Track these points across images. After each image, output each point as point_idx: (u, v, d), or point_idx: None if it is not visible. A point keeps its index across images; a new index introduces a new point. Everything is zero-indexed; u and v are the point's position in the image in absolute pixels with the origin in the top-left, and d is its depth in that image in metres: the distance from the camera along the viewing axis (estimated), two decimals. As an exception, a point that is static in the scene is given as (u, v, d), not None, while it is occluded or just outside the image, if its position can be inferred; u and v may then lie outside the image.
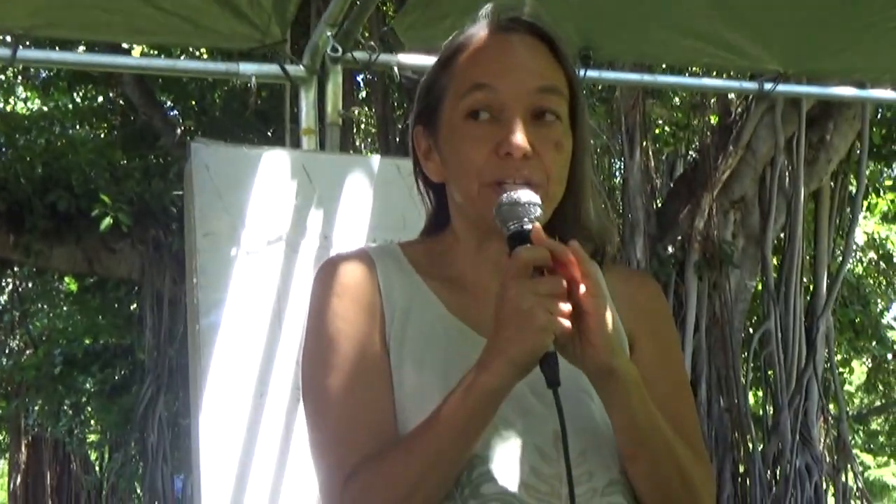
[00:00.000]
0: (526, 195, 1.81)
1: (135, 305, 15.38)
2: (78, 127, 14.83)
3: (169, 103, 14.43)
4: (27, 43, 4.54)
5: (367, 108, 13.41)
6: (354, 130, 13.43)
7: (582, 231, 1.96)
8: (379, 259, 2.02)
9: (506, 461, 1.85)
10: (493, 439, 1.85)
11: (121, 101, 14.36)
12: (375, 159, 4.20)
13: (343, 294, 1.97)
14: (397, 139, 11.63)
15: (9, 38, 4.43)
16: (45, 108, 14.65)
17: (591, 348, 1.73)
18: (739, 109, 11.89)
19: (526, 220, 1.79)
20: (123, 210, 11.96)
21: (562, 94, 1.94)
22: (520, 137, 1.86)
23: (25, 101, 15.23)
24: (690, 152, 13.47)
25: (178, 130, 13.55)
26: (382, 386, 1.91)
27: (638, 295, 2.06)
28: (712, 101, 12.45)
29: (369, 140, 14.28)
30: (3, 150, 13.24)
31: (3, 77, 14.10)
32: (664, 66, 6.24)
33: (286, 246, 4.02)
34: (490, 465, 1.84)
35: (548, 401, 1.80)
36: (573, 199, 1.97)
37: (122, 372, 16.11)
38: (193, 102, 13.85)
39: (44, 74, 13.99)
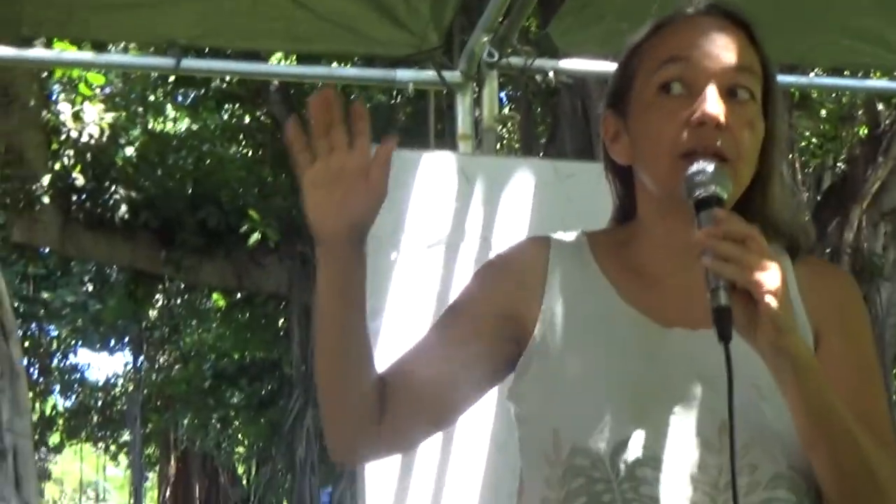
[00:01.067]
0: (716, 167, 1.79)
1: (282, 320, 15.58)
2: (226, 145, 15.07)
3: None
4: (189, 54, 4.61)
5: (511, 122, 13.43)
6: (497, 146, 13.45)
7: (769, 222, 1.91)
8: (557, 243, 2.03)
9: (665, 447, 1.84)
10: (656, 424, 1.85)
11: (267, 120, 14.57)
12: (533, 161, 4.22)
13: (495, 264, 2.04)
14: (541, 153, 11.64)
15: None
16: (194, 128, 14.90)
17: (760, 329, 1.69)
18: (888, 120, 11.71)
19: (715, 187, 1.76)
20: (271, 226, 12.16)
21: (756, 76, 1.91)
22: (714, 106, 1.83)
23: (175, 120, 15.50)
24: (839, 164, 13.29)
25: (324, 147, 13.67)
26: (451, 329, 1.98)
27: (828, 287, 2.00)
28: (860, 112, 12.28)
29: (514, 153, 14.30)
30: (154, 168, 13.50)
31: (152, 98, 14.38)
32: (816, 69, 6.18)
33: (446, 249, 4.03)
34: (649, 450, 1.83)
35: (716, 388, 1.81)
36: (761, 187, 1.94)
37: (270, 386, 16.35)
38: (338, 119, 13.98)
39: (192, 95, 14.24)
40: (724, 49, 1.89)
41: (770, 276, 1.69)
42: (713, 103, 1.83)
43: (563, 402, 1.89)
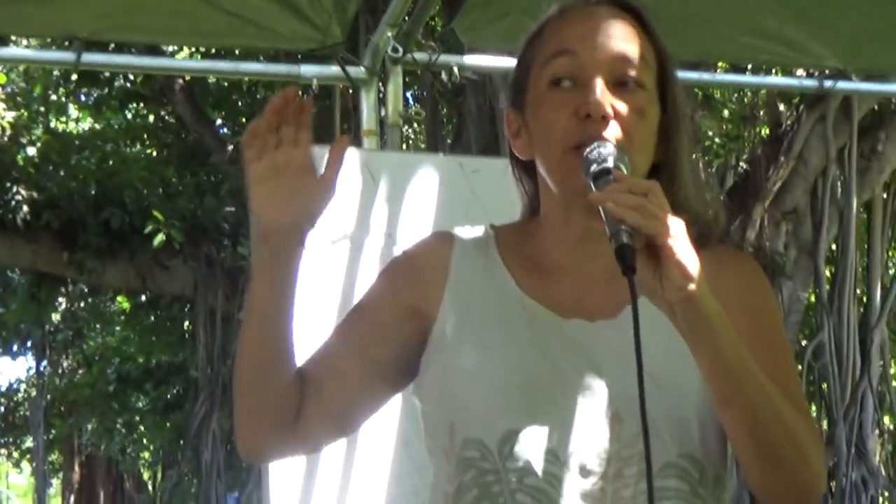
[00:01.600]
0: (612, 146, 1.80)
1: (188, 323, 15.47)
2: (130, 145, 14.95)
3: (219, 121, 14.52)
4: (91, 48, 4.54)
5: (414, 122, 13.44)
6: (403, 145, 13.46)
7: (678, 209, 1.85)
8: (461, 238, 2.05)
9: (553, 437, 1.86)
10: (545, 414, 1.86)
11: (172, 119, 14.46)
12: (437, 157, 4.22)
13: (399, 261, 2.09)
14: (446, 151, 11.64)
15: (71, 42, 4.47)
16: (97, 127, 14.76)
17: (666, 279, 1.69)
18: (790, 120, 11.85)
19: (613, 161, 1.77)
20: (176, 227, 12.07)
21: (647, 65, 1.92)
22: (598, 98, 1.84)
23: (77, 121, 15.35)
24: (741, 164, 13.43)
25: (229, 147, 13.63)
26: (353, 352, 1.99)
27: (734, 273, 1.99)
28: (762, 112, 12.42)
29: (420, 152, 14.31)
30: (57, 169, 13.33)
31: (55, 97, 14.22)
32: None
33: (350, 244, 4.02)
34: (537, 441, 1.84)
35: (610, 377, 1.87)
36: (668, 174, 1.93)
37: (176, 390, 16.22)
38: (244, 119, 13.92)
39: (95, 94, 14.10)
40: (612, 39, 1.90)
41: (674, 223, 1.69)
42: (598, 95, 1.84)
43: (458, 395, 1.91)
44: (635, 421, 1.77)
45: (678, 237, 1.68)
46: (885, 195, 12.79)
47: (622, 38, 1.91)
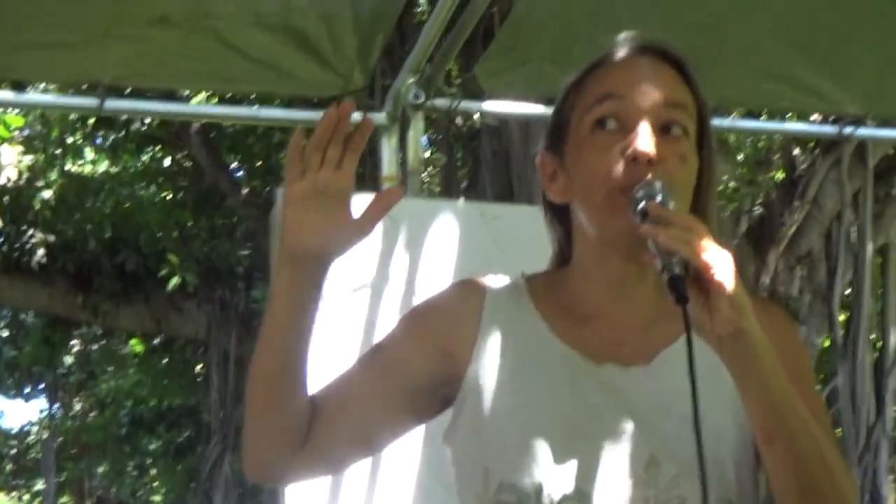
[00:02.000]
0: (662, 184, 1.82)
1: (201, 366, 15.47)
2: (145, 188, 14.97)
3: (235, 164, 14.55)
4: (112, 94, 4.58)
5: (430, 166, 13.46)
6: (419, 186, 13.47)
7: None
8: (492, 287, 2.05)
9: (592, 480, 1.85)
10: (582, 458, 1.87)
11: (188, 163, 14.49)
12: (458, 204, 4.23)
13: (431, 304, 2.08)
14: (461, 196, 11.66)
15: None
16: (113, 170, 14.79)
17: (717, 312, 1.70)
18: (805, 164, 11.85)
19: (661, 196, 1.80)
20: (190, 270, 12.09)
21: (689, 112, 1.95)
22: (646, 142, 1.86)
23: (93, 163, 15.39)
24: (755, 208, 13.43)
25: (244, 191, 13.65)
26: (367, 381, 2.00)
27: (763, 318, 1.91)
28: (777, 156, 12.42)
29: (434, 197, 14.33)
30: (72, 212, 13.36)
31: (71, 139, 14.25)
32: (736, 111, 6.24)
33: (371, 292, 4.03)
34: (575, 484, 1.85)
35: (646, 423, 1.87)
36: None
37: (188, 433, 16.22)
38: (259, 163, 13.95)
39: (111, 137, 14.13)
40: (656, 85, 1.92)
41: (722, 257, 1.70)
42: (645, 138, 1.87)
43: (493, 440, 1.91)
44: (672, 464, 1.83)
45: (728, 271, 1.69)
46: (900, 240, 12.78)
47: (666, 85, 1.94)
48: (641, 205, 1.79)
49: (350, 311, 3.99)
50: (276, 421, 1.94)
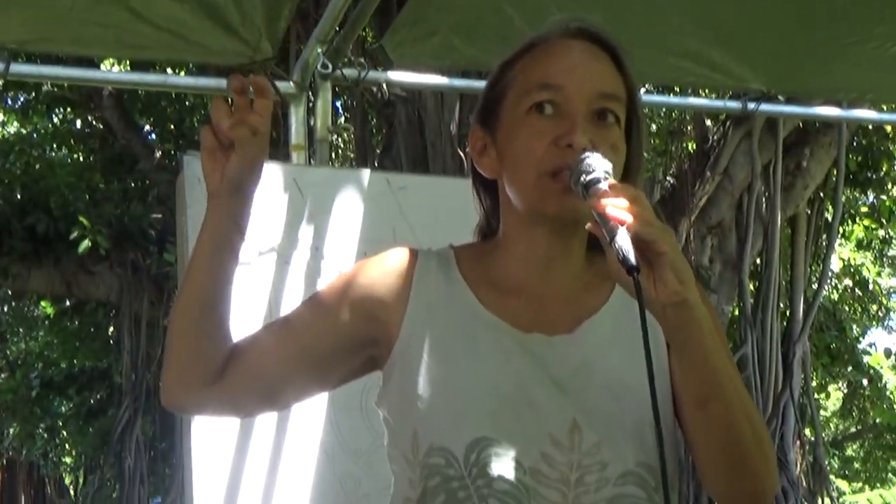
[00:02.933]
0: (600, 159, 1.87)
1: (112, 328, 15.34)
2: (57, 150, 14.80)
3: (148, 127, 14.42)
4: (19, 58, 4.53)
5: (345, 133, 13.42)
6: (332, 155, 13.43)
7: None
8: (424, 256, 2.12)
9: (516, 445, 1.92)
10: (508, 423, 1.93)
11: (100, 125, 14.34)
12: (365, 173, 4.23)
13: (364, 268, 2.13)
14: (375, 163, 11.64)
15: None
16: (24, 131, 14.61)
17: (662, 283, 1.75)
18: (716, 136, 11.95)
19: (603, 171, 1.84)
20: (102, 233, 11.97)
21: (621, 102, 2.02)
22: (581, 131, 1.93)
23: (3, 124, 15.19)
24: (668, 178, 13.53)
25: (157, 154, 13.55)
26: (290, 334, 2.08)
27: None
28: (689, 127, 12.52)
29: (349, 164, 14.28)
30: (-18, 173, 13.20)
31: (-21, 101, 14.07)
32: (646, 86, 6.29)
33: (278, 257, 4.03)
34: (500, 448, 1.91)
35: (569, 389, 1.95)
36: None
37: (99, 395, 16.08)
38: (172, 126, 13.85)
39: (22, 98, 13.96)
40: (593, 74, 2.00)
41: (666, 230, 1.76)
42: (581, 128, 1.93)
43: (422, 404, 1.98)
44: (593, 431, 1.91)
45: (674, 243, 1.75)
46: (808, 211, 12.94)
47: (602, 74, 2.01)
48: (583, 177, 1.84)
49: (256, 274, 3.99)
50: (194, 348, 2.02)
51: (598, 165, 1.85)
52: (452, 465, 1.92)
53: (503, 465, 1.90)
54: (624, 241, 1.71)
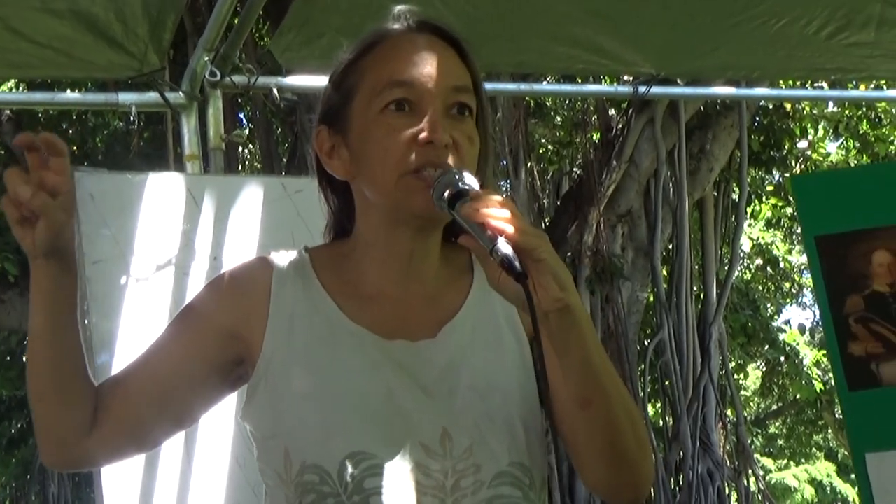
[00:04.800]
0: (459, 171, 1.86)
1: (27, 356, 15.16)
2: (-41, 178, 14.59)
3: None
4: None
5: (251, 143, 13.38)
6: (240, 167, 13.39)
7: None
8: (278, 264, 2.07)
9: (390, 457, 1.89)
10: (380, 435, 1.90)
11: (0, 150, 14.17)
12: (261, 179, 4.22)
13: (222, 283, 2.08)
14: (283, 171, 11.61)
15: None
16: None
17: (543, 289, 1.74)
18: (620, 124, 12.04)
19: (462, 183, 1.83)
20: (10, 259, 11.81)
21: (471, 93, 1.99)
22: (440, 128, 1.90)
23: None
24: (575, 169, 13.61)
25: (62, 177, 13.38)
26: (154, 375, 2.02)
27: None
28: (594, 118, 12.60)
29: (256, 173, 14.23)
30: None
31: None
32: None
33: (176, 269, 4.00)
34: (375, 461, 1.89)
35: (437, 394, 1.92)
36: None
37: (19, 424, 15.90)
38: (75, 148, 13.72)
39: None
40: (443, 69, 1.96)
41: (541, 235, 1.75)
42: (439, 123, 1.91)
43: (291, 421, 1.94)
44: (465, 435, 1.90)
45: (550, 249, 1.74)
46: (715, 193, 13.08)
47: (451, 68, 1.98)
48: (446, 192, 1.82)
49: (156, 289, 3.95)
50: (55, 409, 1.97)
51: (460, 178, 1.83)
52: (327, 481, 1.89)
53: (378, 478, 1.88)
54: (507, 251, 1.70)
